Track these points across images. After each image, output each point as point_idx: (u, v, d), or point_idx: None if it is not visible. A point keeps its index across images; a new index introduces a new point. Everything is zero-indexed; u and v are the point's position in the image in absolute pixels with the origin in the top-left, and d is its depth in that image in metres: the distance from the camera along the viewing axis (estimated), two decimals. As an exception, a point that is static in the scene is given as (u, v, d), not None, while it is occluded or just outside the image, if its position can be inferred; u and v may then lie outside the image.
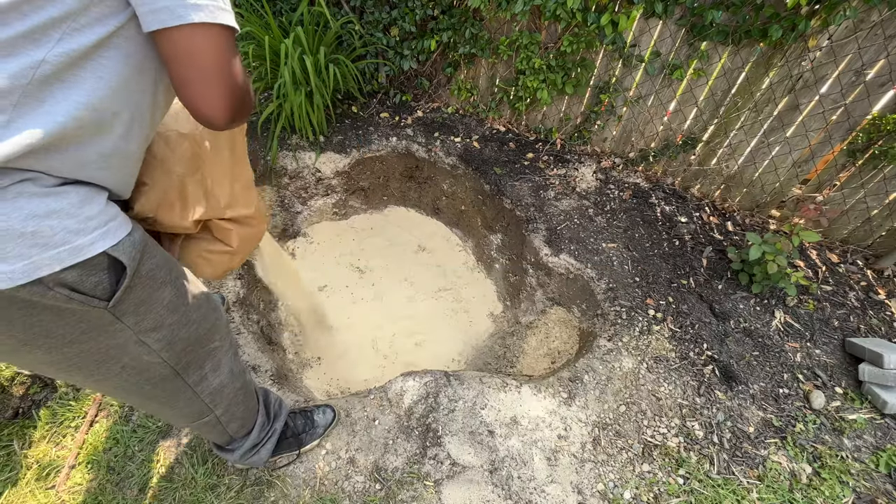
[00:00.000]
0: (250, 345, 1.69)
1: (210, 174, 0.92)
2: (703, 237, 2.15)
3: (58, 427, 1.42)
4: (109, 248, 0.63)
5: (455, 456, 1.41)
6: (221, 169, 0.93)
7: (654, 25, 2.03)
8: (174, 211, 0.88)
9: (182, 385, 0.89)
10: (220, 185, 0.94)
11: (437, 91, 2.83)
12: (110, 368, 0.76)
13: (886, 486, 1.43)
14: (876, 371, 1.60)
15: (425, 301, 2.36)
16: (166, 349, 0.80)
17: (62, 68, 0.55)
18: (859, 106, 1.79)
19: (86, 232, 0.60)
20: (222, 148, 0.93)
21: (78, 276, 0.61)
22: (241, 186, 0.98)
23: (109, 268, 0.65)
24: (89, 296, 0.63)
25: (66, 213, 0.58)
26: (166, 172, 0.86)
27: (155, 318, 0.75)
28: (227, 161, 0.94)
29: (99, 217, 0.62)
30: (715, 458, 1.47)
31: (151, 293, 0.73)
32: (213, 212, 0.94)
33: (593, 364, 1.67)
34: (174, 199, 0.88)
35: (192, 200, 0.90)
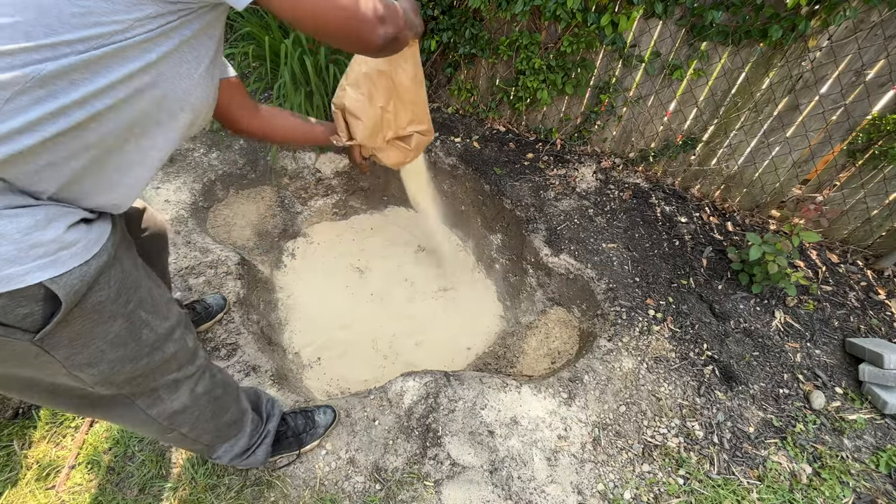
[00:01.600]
0: (250, 345, 1.69)
1: (399, 102, 1.14)
2: (703, 237, 2.15)
3: (58, 427, 1.42)
4: (48, 279, 0.57)
5: (455, 456, 1.41)
6: (405, 94, 1.13)
7: (654, 26, 2.04)
8: (377, 136, 1.14)
9: (131, 406, 0.83)
10: (405, 110, 1.16)
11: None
12: (39, 394, 0.72)
13: (886, 486, 1.43)
14: (876, 371, 1.60)
15: (425, 301, 2.36)
16: (102, 384, 0.73)
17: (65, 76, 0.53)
18: (859, 106, 1.79)
19: (24, 261, 0.55)
20: (406, 78, 1.11)
21: (2, 306, 0.56)
22: (419, 107, 1.20)
23: (45, 299, 0.59)
24: (13, 327, 0.58)
25: (7, 239, 0.54)
26: (373, 107, 1.08)
27: (92, 354, 0.68)
28: (409, 86, 1.13)
29: (49, 245, 0.57)
30: (715, 458, 1.47)
31: (93, 327, 0.66)
32: (400, 131, 1.18)
33: (593, 364, 1.67)
34: (377, 128, 1.12)
35: (385, 126, 1.14)
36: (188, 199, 2.18)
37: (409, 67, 1.11)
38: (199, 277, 1.85)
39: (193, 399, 0.93)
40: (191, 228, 2.05)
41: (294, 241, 2.54)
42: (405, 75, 1.11)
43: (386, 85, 1.09)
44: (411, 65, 1.11)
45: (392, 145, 1.20)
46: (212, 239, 2.06)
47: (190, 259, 1.91)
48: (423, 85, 1.18)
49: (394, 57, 1.03)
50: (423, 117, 1.23)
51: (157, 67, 0.59)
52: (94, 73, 0.54)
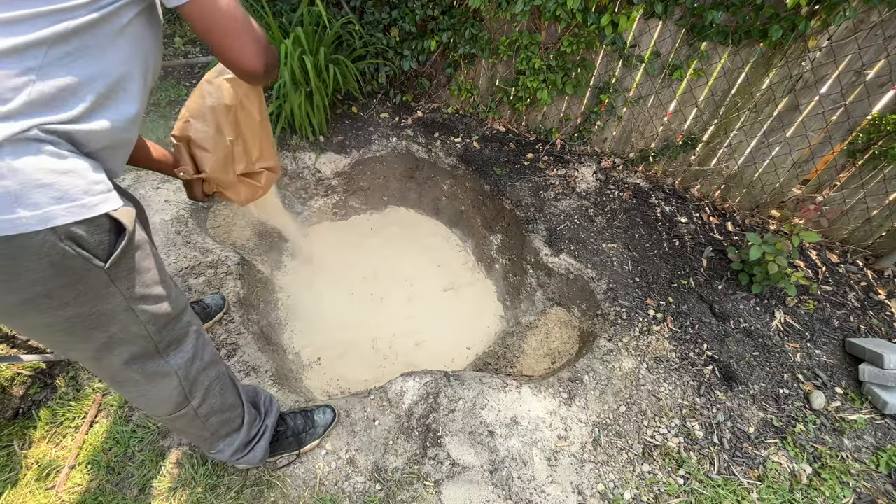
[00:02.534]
0: (250, 345, 1.68)
1: (246, 137, 1.15)
2: (703, 237, 2.15)
3: (58, 427, 1.42)
4: (112, 210, 0.70)
5: (455, 456, 1.41)
6: (253, 131, 1.16)
7: (654, 26, 2.04)
8: (227, 170, 1.13)
9: (162, 364, 0.92)
10: (253, 144, 1.18)
11: (438, 91, 2.83)
12: (99, 337, 0.80)
13: (887, 486, 1.43)
14: (876, 371, 1.60)
15: (425, 301, 2.36)
16: (151, 321, 0.85)
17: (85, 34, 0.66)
18: (859, 106, 1.79)
19: (93, 193, 0.68)
20: (253, 113, 1.13)
21: (85, 231, 0.67)
22: (266, 143, 1.22)
23: (110, 230, 0.72)
24: (92, 253, 0.70)
25: (79, 174, 0.66)
26: (222, 139, 1.09)
27: (143, 288, 0.81)
28: (256, 124, 1.16)
29: (103, 184, 0.70)
30: (715, 458, 1.47)
31: (140, 262, 0.80)
32: (249, 166, 1.19)
33: (593, 364, 1.67)
34: (227, 161, 1.12)
35: (237, 159, 1.15)
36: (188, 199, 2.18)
37: (255, 104, 1.13)
38: (199, 277, 1.85)
39: (204, 366, 1.02)
40: (191, 228, 2.05)
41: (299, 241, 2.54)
42: (252, 110, 1.13)
43: (233, 119, 1.09)
44: (257, 102, 1.14)
45: (241, 181, 1.19)
46: (212, 239, 2.06)
47: (190, 259, 1.91)
48: (268, 122, 1.22)
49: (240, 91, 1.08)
50: (270, 153, 1.24)
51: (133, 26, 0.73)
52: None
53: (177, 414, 1.02)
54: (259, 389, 1.31)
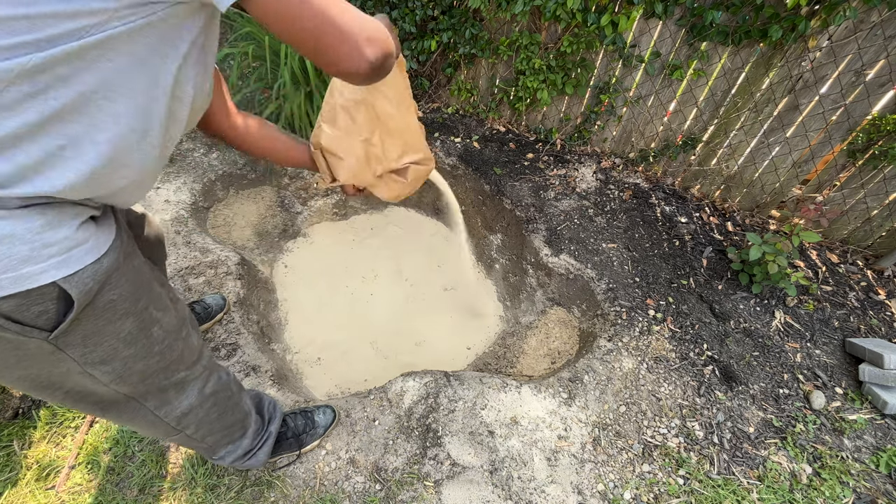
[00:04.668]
0: (250, 345, 1.69)
1: (384, 131, 1.01)
2: (703, 237, 2.15)
3: (58, 427, 1.42)
4: (62, 278, 0.58)
5: (455, 456, 1.41)
6: (391, 123, 1.00)
7: (654, 26, 2.04)
8: (365, 172, 1.02)
9: (140, 408, 0.84)
10: (394, 140, 1.03)
11: (437, 91, 2.83)
12: (53, 393, 0.72)
13: (887, 486, 1.42)
14: (876, 371, 1.60)
15: (425, 301, 2.36)
16: (116, 381, 0.74)
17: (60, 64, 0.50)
18: (859, 106, 1.79)
19: (38, 260, 0.55)
20: (390, 106, 0.98)
21: (17, 305, 0.56)
22: (411, 135, 1.06)
23: (59, 298, 0.59)
24: (29, 326, 0.59)
25: (19, 239, 0.54)
26: (353, 142, 0.97)
27: (105, 351, 0.69)
28: (395, 114, 1.00)
29: (61, 244, 0.57)
30: (715, 458, 1.47)
31: (105, 325, 0.67)
32: (390, 164, 1.05)
33: (593, 364, 1.67)
34: (362, 164, 1.00)
35: (373, 160, 1.02)
36: (188, 199, 2.18)
37: (392, 92, 0.98)
38: (199, 277, 1.85)
39: (201, 400, 0.94)
40: (191, 228, 2.05)
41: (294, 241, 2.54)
42: (388, 102, 0.98)
43: (367, 116, 0.97)
44: (394, 89, 0.98)
45: (386, 179, 1.08)
46: (212, 239, 2.05)
47: (190, 259, 1.91)
48: (412, 110, 1.05)
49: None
50: (418, 145, 1.08)
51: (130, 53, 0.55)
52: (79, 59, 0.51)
53: (169, 438, 0.98)
54: (263, 395, 1.30)
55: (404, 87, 1.00)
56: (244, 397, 1.13)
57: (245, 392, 1.16)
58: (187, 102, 0.65)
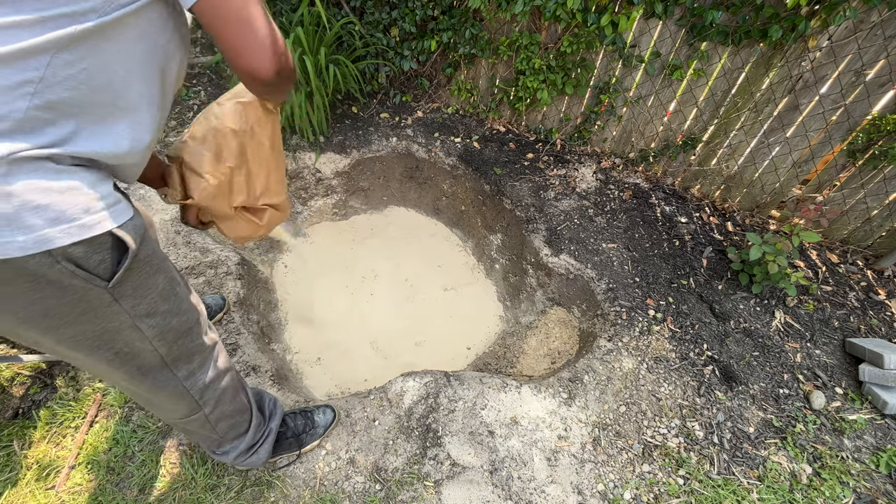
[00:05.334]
0: (250, 345, 1.69)
1: (252, 167, 1.02)
2: (703, 237, 2.15)
3: (58, 427, 1.42)
4: (115, 227, 0.66)
5: (455, 456, 1.41)
6: (261, 162, 1.03)
7: (654, 26, 2.04)
8: (223, 200, 1.01)
9: (171, 378, 0.91)
10: (258, 177, 1.05)
11: (437, 91, 2.83)
12: (104, 354, 0.78)
13: (887, 486, 1.42)
14: (876, 371, 1.60)
15: (425, 301, 2.36)
16: (158, 337, 0.82)
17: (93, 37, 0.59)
18: (859, 106, 1.79)
19: (94, 210, 0.64)
20: (263, 142, 1.01)
21: (84, 252, 0.64)
22: (276, 177, 1.08)
23: (113, 248, 0.68)
24: (92, 273, 0.66)
25: (79, 191, 0.62)
26: (220, 165, 0.97)
27: (149, 304, 0.78)
28: (266, 155, 1.03)
29: (107, 198, 0.66)
30: (715, 458, 1.47)
31: (147, 279, 0.76)
32: (250, 200, 1.06)
33: (593, 364, 1.67)
34: (223, 190, 1.00)
35: (236, 190, 1.02)
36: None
37: (266, 132, 1.00)
38: (199, 277, 1.85)
39: (216, 373, 1.01)
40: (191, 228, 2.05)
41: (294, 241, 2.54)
42: (263, 139, 1.00)
43: (238, 146, 0.98)
44: (269, 130, 1.00)
45: (240, 216, 1.07)
46: (212, 239, 2.06)
47: (190, 259, 1.91)
48: (282, 155, 1.06)
49: (252, 117, 0.97)
50: (278, 190, 1.09)
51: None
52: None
53: (188, 419, 1.02)
54: (263, 392, 1.31)
55: (276, 130, 1.03)
56: (246, 385, 1.18)
57: (245, 381, 1.19)
58: (173, 75, 0.75)
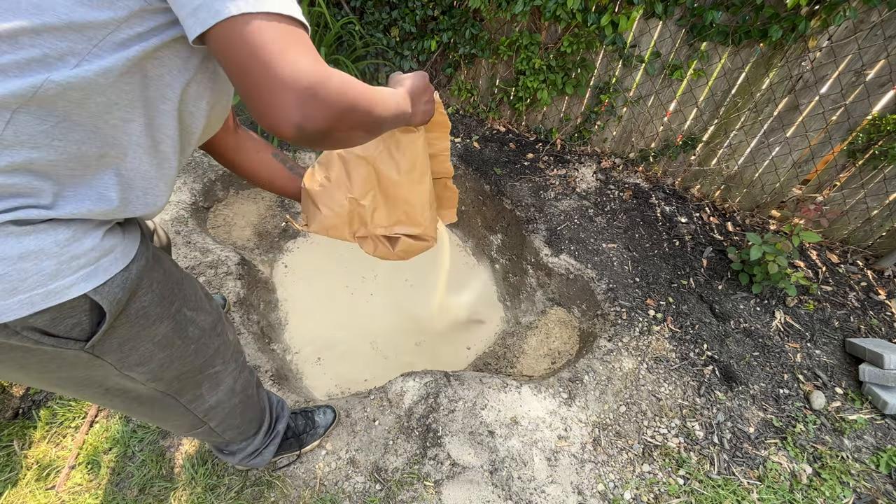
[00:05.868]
0: (250, 345, 1.69)
1: (382, 197, 0.92)
2: (703, 237, 2.15)
3: (58, 427, 1.42)
4: (91, 290, 0.57)
5: (455, 456, 1.41)
6: (394, 192, 0.91)
7: (654, 26, 2.04)
8: (341, 231, 0.94)
9: (174, 403, 0.85)
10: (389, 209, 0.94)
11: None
12: (93, 392, 0.73)
13: (887, 486, 1.42)
14: (876, 371, 1.60)
15: (425, 301, 2.36)
16: (153, 381, 0.75)
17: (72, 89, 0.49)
18: (859, 106, 1.79)
19: (67, 273, 0.55)
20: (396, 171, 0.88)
21: (50, 319, 0.56)
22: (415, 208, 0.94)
23: (91, 309, 0.59)
24: (63, 338, 0.59)
25: (46, 254, 0.53)
26: (339, 197, 0.89)
27: (142, 355, 0.70)
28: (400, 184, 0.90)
29: (88, 255, 0.57)
30: (715, 458, 1.47)
31: (140, 331, 0.67)
32: (376, 230, 0.96)
33: (593, 364, 1.67)
34: (343, 222, 0.92)
35: (356, 221, 0.94)
36: (188, 199, 2.18)
37: (404, 157, 0.86)
38: (200, 277, 1.85)
39: (230, 395, 0.95)
40: (191, 228, 2.05)
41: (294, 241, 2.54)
42: (394, 167, 0.87)
43: (365, 175, 0.88)
44: (408, 155, 0.86)
45: (371, 239, 0.99)
46: (212, 239, 2.06)
47: (190, 259, 1.91)
48: (424, 181, 0.92)
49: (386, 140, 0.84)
50: (420, 220, 0.95)
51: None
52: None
53: (193, 432, 0.99)
54: (271, 394, 1.29)
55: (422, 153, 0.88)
56: (262, 393, 1.15)
57: (263, 389, 1.17)
58: (201, 116, 0.64)
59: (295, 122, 0.48)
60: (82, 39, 0.47)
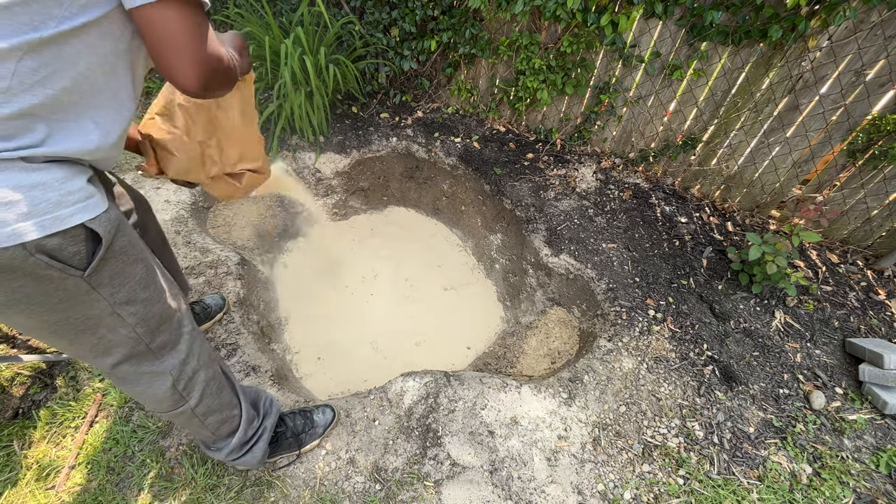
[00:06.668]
0: (250, 345, 1.69)
1: (223, 137, 1.06)
2: (703, 237, 2.15)
3: (58, 427, 1.42)
4: (88, 220, 0.69)
5: (455, 456, 1.41)
6: (232, 131, 1.06)
7: (654, 26, 2.04)
8: (197, 172, 1.06)
9: (156, 365, 0.93)
10: (231, 145, 1.08)
11: (437, 91, 2.83)
12: (88, 339, 0.81)
13: (887, 486, 1.42)
14: (876, 371, 1.60)
15: (425, 301, 2.36)
16: (140, 324, 0.85)
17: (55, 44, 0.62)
18: (859, 106, 1.79)
19: (67, 204, 0.67)
20: (233, 112, 1.03)
21: (58, 244, 0.67)
22: (250, 144, 1.12)
23: (87, 239, 0.71)
24: (67, 264, 0.69)
25: (50, 186, 0.65)
26: (190, 141, 1.00)
27: (128, 292, 0.81)
28: (237, 123, 1.05)
29: (79, 192, 0.69)
30: (715, 458, 1.47)
31: (124, 267, 0.79)
32: (226, 168, 1.11)
33: (593, 364, 1.67)
34: (197, 164, 1.04)
35: (208, 162, 1.06)
36: (188, 199, 2.18)
37: (235, 102, 1.03)
38: (199, 277, 1.85)
39: (200, 364, 1.03)
40: (191, 228, 2.05)
41: (294, 241, 2.54)
42: (230, 110, 1.03)
43: (207, 119, 1.01)
44: (238, 100, 1.03)
45: (217, 180, 1.12)
46: (212, 239, 2.06)
47: (190, 259, 1.91)
48: (254, 122, 1.10)
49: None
50: (256, 155, 1.14)
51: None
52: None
53: (175, 411, 1.03)
54: (261, 391, 1.31)
55: (249, 97, 1.05)
56: (233, 379, 1.19)
57: (232, 375, 1.20)
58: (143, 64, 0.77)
59: (200, 86, 0.70)
60: (57, 6, 0.60)
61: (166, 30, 0.65)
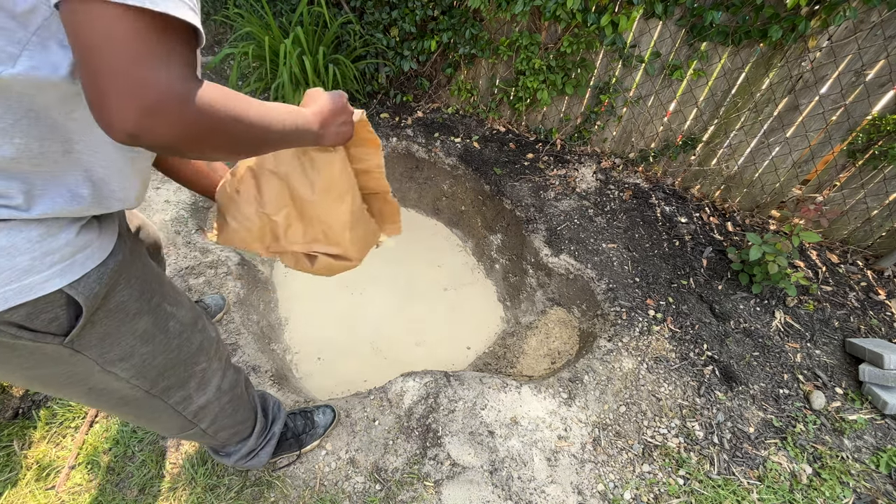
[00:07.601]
0: (250, 345, 1.68)
1: (296, 215, 0.89)
2: (703, 237, 2.15)
3: (58, 427, 1.42)
4: (67, 285, 0.58)
5: (455, 456, 1.41)
6: (310, 211, 0.88)
7: (654, 26, 2.04)
8: (252, 245, 0.92)
9: (161, 405, 0.84)
10: (306, 227, 0.90)
11: (437, 91, 2.83)
12: (78, 391, 0.72)
13: (887, 486, 1.42)
14: (876, 371, 1.60)
15: (425, 301, 2.36)
16: (137, 377, 0.75)
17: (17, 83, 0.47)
18: (859, 106, 1.79)
19: (40, 269, 0.55)
20: (310, 190, 0.85)
21: (26, 314, 0.56)
22: (333, 228, 0.90)
23: (68, 304, 0.59)
24: (41, 332, 0.59)
25: (18, 250, 0.53)
26: (249, 211, 0.87)
27: (123, 349, 0.70)
28: (316, 203, 0.86)
29: (62, 251, 0.57)
30: (715, 458, 1.47)
31: (120, 326, 0.67)
32: (291, 246, 0.93)
33: (593, 364, 1.67)
34: (254, 236, 0.90)
35: (268, 236, 0.91)
36: (188, 199, 2.18)
37: (320, 177, 0.82)
38: (199, 277, 1.85)
39: (218, 395, 0.94)
40: (191, 228, 2.05)
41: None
42: (309, 186, 0.83)
43: (277, 191, 0.85)
44: (324, 174, 0.82)
45: (289, 253, 0.96)
46: (212, 239, 2.05)
47: (190, 259, 1.91)
48: (345, 200, 0.87)
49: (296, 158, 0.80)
50: (339, 240, 0.91)
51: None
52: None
53: (184, 434, 0.98)
54: (267, 395, 1.29)
55: (341, 173, 0.84)
56: (252, 393, 1.14)
57: (253, 389, 1.17)
58: None
59: (127, 130, 0.43)
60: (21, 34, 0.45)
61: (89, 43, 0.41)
